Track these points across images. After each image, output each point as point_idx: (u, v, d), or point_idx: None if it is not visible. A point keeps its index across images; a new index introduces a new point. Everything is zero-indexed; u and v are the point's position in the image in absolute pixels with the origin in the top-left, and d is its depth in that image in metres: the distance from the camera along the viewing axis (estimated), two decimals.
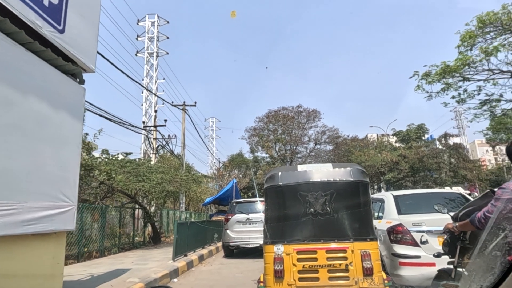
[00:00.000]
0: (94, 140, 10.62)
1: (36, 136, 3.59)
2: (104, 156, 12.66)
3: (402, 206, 5.02)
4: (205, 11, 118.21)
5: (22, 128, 3.40)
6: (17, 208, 3.25)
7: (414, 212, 4.77)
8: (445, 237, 3.29)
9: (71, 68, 4.32)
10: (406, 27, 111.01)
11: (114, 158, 12.55)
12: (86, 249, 9.56)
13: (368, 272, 3.32)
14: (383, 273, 3.50)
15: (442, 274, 3.31)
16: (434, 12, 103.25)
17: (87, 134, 10.43)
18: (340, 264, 3.37)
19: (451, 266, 3.09)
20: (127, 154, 12.64)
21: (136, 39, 26.44)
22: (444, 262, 3.28)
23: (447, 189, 12.56)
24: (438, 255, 3.52)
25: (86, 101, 12.00)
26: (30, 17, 3.51)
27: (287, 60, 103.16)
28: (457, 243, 3.08)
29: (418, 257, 4.22)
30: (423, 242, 4.21)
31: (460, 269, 2.97)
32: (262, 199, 4.37)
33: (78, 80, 4.58)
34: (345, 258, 3.39)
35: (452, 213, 3.24)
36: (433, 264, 3.81)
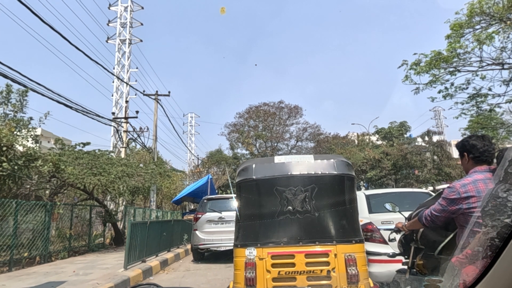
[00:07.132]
0: (40, 125, 9.06)
1: None
2: (58, 146, 11.12)
3: (373, 205, 5.25)
4: (184, 3, 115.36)
5: None
6: None
7: (384, 211, 4.67)
8: (398, 237, 3.34)
9: None
10: (388, 27, 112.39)
11: (70, 148, 11.02)
12: (26, 254, 8.08)
13: (353, 280, 2.86)
14: (370, 281, 3.07)
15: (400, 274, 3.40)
16: (416, 13, 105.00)
17: (31, 118, 8.89)
18: (321, 270, 2.92)
19: (406, 267, 3.12)
20: (84, 144, 11.07)
21: (107, 24, 24.58)
22: None
23: (422, 190, 12.50)
24: (393, 255, 3.67)
25: (37, 83, 10.42)
26: None
27: (268, 57, 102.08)
28: (411, 243, 3.10)
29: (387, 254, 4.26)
30: (391, 240, 4.16)
31: (414, 270, 3.00)
32: None
33: None
34: (327, 263, 2.94)
35: (406, 213, 3.28)
36: (400, 261, 3.80)
